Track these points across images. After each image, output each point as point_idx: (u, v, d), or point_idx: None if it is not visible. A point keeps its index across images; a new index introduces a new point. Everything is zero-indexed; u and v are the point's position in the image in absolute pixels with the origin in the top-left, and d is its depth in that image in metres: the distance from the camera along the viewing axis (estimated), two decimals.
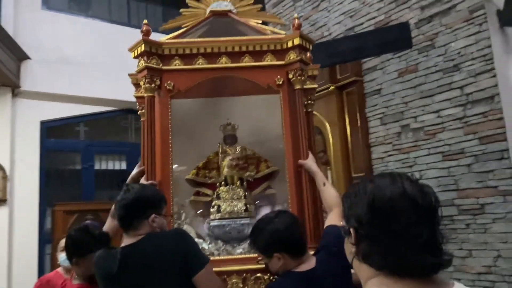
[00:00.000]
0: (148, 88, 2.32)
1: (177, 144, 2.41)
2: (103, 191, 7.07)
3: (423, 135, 4.53)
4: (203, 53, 2.36)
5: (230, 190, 2.52)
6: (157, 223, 1.86)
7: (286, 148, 2.35)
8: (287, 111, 2.35)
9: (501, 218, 3.88)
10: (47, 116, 6.26)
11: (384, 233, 0.88)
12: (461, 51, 4.24)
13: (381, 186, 0.93)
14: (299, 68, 2.34)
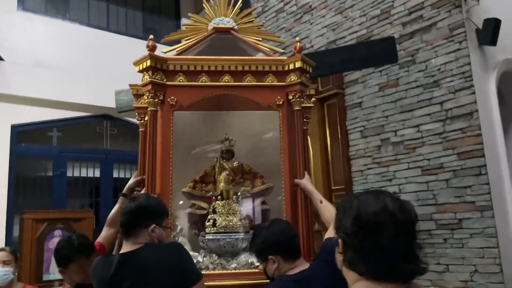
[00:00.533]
0: (152, 103, 2.38)
1: (175, 156, 2.45)
2: (76, 199, 6.84)
3: (403, 149, 4.57)
4: (207, 70, 2.41)
5: (226, 204, 2.56)
6: (156, 234, 1.86)
7: (283, 166, 2.40)
8: (285, 130, 2.41)
9: (478, 233, 3.93)
10: (18, 120, 6.01)
11: (367, 244, 1.00)
12: (441, 67, 4.31)
13: (366, 202, 1.05)
14: (299, 90, 2.40)
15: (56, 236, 5.91)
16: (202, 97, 2.43)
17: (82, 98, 6.35)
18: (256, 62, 2.43)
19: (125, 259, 1.77)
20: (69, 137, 6.66)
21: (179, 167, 2.63)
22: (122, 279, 1.73)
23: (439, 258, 4.18)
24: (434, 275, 4.20)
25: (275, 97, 2.41)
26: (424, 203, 4.33)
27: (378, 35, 4.87)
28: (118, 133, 7.10)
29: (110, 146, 7.01)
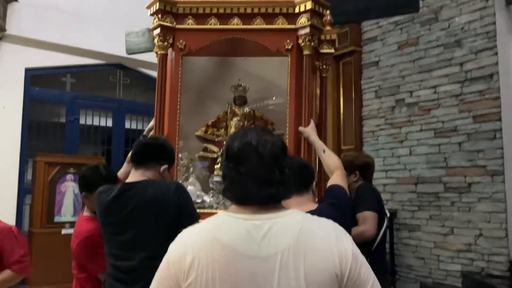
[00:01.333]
0: (161, 46, 2.36)
1: (188, 100, 2.48)
2: (87, 146, 6.93)
3: (417, 111, 4.48)
4: (216, 13, 2.34)
5: None
6: (165, 175, 1.90)
7: (289, 112, 2.35)
8: (293, 77, 2.33)
9: (487, 198, 3.88)
10: (32, 64, 6.00)
11: (232, 172, 1.10)
12: (465, 26, 4.14)
13: (233, 137, 1.16)
14: (309, 33, 2.29)
15: (68, 180, 6.03)
16: (210, 41, 2.39)
17: (96, 45, 6.28)
18: (265, 4, 2.33)
19: (127, 188, 1.80)
20: (83, 84, 6.68)
21: (193, 112, 2.68)
22: (121, 206, 1.76)
23: (444, 221, 4.17)
24: (438, 237, 4.21)
25: (285, 41, 2.32)
26: (434, 165, 4.28)
27: None
28: (131, 83, 7.07)
29: (122, 96, 7.01)
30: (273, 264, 1.00)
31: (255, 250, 1.01)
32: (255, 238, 1.03)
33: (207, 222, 1.12)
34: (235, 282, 0.99)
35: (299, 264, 1.00)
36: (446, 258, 4.13)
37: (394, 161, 4.63)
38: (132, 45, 3.46)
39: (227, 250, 1.01)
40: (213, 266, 1.00)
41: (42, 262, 5.59)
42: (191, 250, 1.03)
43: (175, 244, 1.10)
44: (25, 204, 5.98)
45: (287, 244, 1.02)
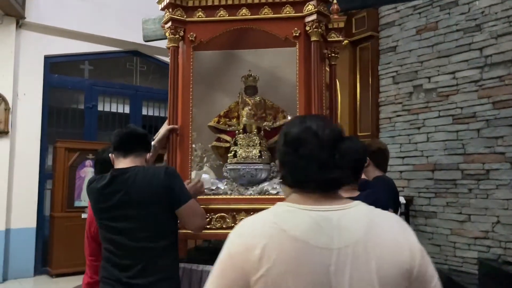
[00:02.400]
0: (172, 39, 2.40)
1: (201, 93, 2.53)
2: (105, 132, 7.04)
3: (436, 97, 4.42)
4: (224, 5, 2.38)
5: (247, 137, 2.61)
6: (150, 161, 1.98)
7: (299, 99, 2.36)
8: (302, 63, 2.34)
9: (505, 185, 3.84)
10: (51, 51, 6.11)
11: (291, 157, 1.10)
12: (485, 10, 4.05)
13: (291, 123, 1.18)
14: (316, 20, 2.30)
15: (87, 165, 6.16)
16: (220, 32, 2.43)
17: (113, 32, 6.35)
18: None
19: (117, 174, 1.82)
20: (100, 71, 6.76)
21: (205, 103, 2.73)
22: (112, 192, 1.79)
23: (461, 207, 4.14)
24: (455, 224, 4.19)
25: (292, 29, 2.33)
26: (451, 152, 4.24)
27: None
28: (147, 70, 7.14)
29: (139, 82, 7.08)
30: (344, 257, 0.98)
31: (327, 243, 0.99)
32: (326, 230, 1.00)
33: (268, 212, 1.07)
34: (308, 274, 0.96)
35: (370, 258, 0.98)
36: (463, 245, 4.12)
37: (411, 147, 4.60)
38: (149, 32, 3.50)
39: (298, 242, 0.98)
40: (284, 259, 0.96)
41: (63, 245, 5.76)
42: (258, 241, 0.99)
43: (237, 235, 1.04)
44: (46, 189, 6.14)
45: (357, 237, 1.00)
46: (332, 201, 1.07)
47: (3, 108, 5.57)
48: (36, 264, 5.80)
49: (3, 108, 5.57)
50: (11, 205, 5.59)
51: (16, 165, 5.67)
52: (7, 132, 5.56)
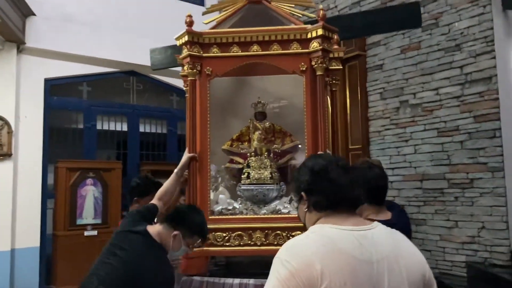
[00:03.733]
0: (191, 73, 2.64)
1: (214, 117, 2.77)
2: (104, 150, 7.22)
3: (421, 111, 4.72)
4: (237, 42, 2.63)
5: (258, 160, 2.85)
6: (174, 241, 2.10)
7: (306, 126, 2.62)
8: (308, 94, 2.60)
9: (488, 193, 4.14)
10: (51, 74, 6.29)
11: (322, 182, 1.34)
12: (464, 31, 4.38)
13: (312, 159, 1.44)
14: (321, 56, 2.55)
15: (88, 184, 6.33)
16: (233, 66, 2.68)
17: (110, 54, 6.56)
18: (281, 32, 2.60)
19: (137, 231, 2.09)
20: (98, 91, 6.95)
21: (218, 128, 2.97)
22: (124, 241, 2.08)
23: (449, 215, 4.43)
24: (443, 230, 4.47)
25: (299, 64, 2.58)
26: (438, 163, 4.53)
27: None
28: (143, 89, 7.35)
29: (136, 101, 7.29)
30: (382, 267, 1.19)
31: (368, 256, 1.19)
32: (365, 246, 1.21)
33: (314, 233, 1.26)
34: (360, 284, 1.15)
35: (401, 267, 1.22)
36: (451, 249, 4.40)
37: (400, 159, 4.89)
38: (156, 61, 3.73)
39: (348, 257, 1.17)
40: (340, 272, 1.14)
41: (66, 263, 5.91)
42: (316, 258, 1.15)
43: (293, 256, 1.18)
44: (48, 208, 6.28)
45: (388, 251, 1.23)
46: (358, 221, 1.31)
47: (6, 131, 5.73)
48: (40, 281, 5.92)
49: (6, 132, 5.73)
50: (15, 225, 5.73)
51: (19, 186, 5.82)
52: (10, 154, 5.72)
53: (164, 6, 7.21)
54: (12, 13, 5.55)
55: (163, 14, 7.04)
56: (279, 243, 2.39)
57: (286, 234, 2.40)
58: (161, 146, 7.55)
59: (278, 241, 2.40)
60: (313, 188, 1.37)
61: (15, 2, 5.57)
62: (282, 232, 2.42)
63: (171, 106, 7.65)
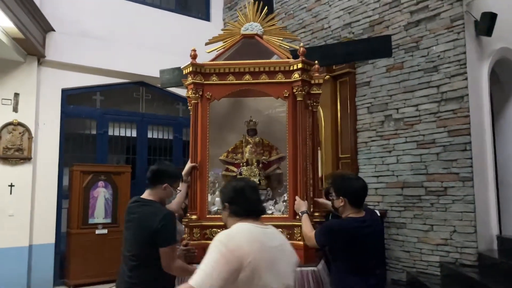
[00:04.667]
0: (194, 97, 3.21)
1: (213, 133, 3.31)
2: (115, 155, 7.77)
3: (403, 125, 5.21)
4: (233, 72, 3.15)
5: (249, 169, 3.40)
6: (167, 191, 2.61)
7: (288, 141, 3.13)
8: (290, 116, 3.11)
9: (459, 200, 4.62)
10: (68, 85, 6.85)
11: (240, 199, 1.96)
12: (441, 54, 4.87)
13: (234, 182, 2.09)
14: (300, 85, 3.05)
15: (99, 186, 6.87)
16: (229, 92, 3.22)
17: (121, 66, 7.12)
18: (268, 64, 3.12)
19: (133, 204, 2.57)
20: (111, 100, 7.51)
21: (216, 142, 3.50)
22: (130, 213, 2.56)
23: (425, 219, 4.91)
24: (420, 233, 4.95)
25: (283, 91, 3.09)
26: (416, 172, 5.02)
27: (388, 20, 5.42)
28: (152, 99, 7.90)
29: (145, 109, 7.84)
30: (279, 251, 1.85)
31: (270, 243, 1.84)
32: (268, 236, 1.87)
33: (240, 227, 1.86)
34: (266, 259, 1.76)
35: (288, 252, 1.93)
36: (427, 250, 4.87)
37: (384, 168, 5.38)
38: (165, 80, 4.27)
39: (260, 243, 1.79)
40: (257, 252, 1.74)
41: (79, 258, 6.45)
42: (244, 243, 1.73)
43: (229, 239, 1.74)
44: (63, 208, 6.82)
45: (279, 241, 1.91)
46: (261, 223, 1.94)
47: (26, 137, 6.28)
48: (55, 275, 6.45)
49: (26, 137, 6.28)
50: (33, 223, 6.27)
51: (37, 187, 6.36)
52: (30, 158, 6.27)
53: (172, 22, 7.78)
54: (34, 29, 6.11)
55: (172, 29, 7.61)
56: None
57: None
58: (168, 151, 8.09)
59: None
60: (234, 201, 1.96)
61: (36, 19, 6.13)
62: None
63: (177, 115, 8.20)
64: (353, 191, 2.52)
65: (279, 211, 3.06)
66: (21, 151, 6.22)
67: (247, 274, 1.67)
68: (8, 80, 6.24)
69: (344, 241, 2.41)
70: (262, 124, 3.58)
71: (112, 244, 6.44)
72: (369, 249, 2.45)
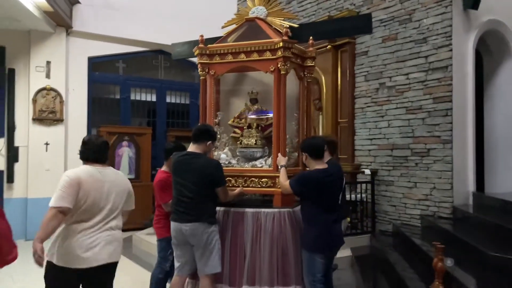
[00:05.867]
0: (202, 74, 3.85)
1: (225, 102, 4.06)
2: (137, 118, 8.51)
3: (394, 92, 5.69)
4: (231, 52, 3.69)
5: (249, 131, 3.99)
6: (209, 147, 3.34)
7: (274, 110, 3.64)
8: (275, 87, 3.60)
9: (440, 160, 5.15)
10: (93, 53, 7.53)
11: (85, 147, 2.85)
12: (430, 27, 5.27)
13: (88, 136, 2.93)
14: (283, 61, 3.53)
15: (124, 146, 7.65)
16: (229, 69, 3.80)
17: (142, 36, 7.74)
18: (258, 44, 3.60)
19: (184, 157, 3.24)
20: (132, 68, 8.17)
21: (227, 110, 4.18)
22: (183, 164, 3.21)
23: (410, 177, 5.47)
24: (405, 190, 5.53)
25: (270, 66, 3.59)
26: (405, 135, 5.54)
27: None
28: (170, 66, 8.53)
29: (164, 76, 8.48)
30: (112, 185, 2.72)
31: (103, 178, 2.69)
32: (102, 174, 2.70)
33: (83, 167, 2.69)
34: (96, 189, 2.61)
35: (120, 186, 2.80)
36: (410, 205, 5.47)
37: (377, 131, 5.91)
38: (176, 53, 4.87)
39: (94, 177, 2.65)
40: (90, 184, 2.61)
41: None
42: (82, 175, 2.61)
43: (72, 173, 2.60)
44: None
45: (112, 178, 2.75)
46: (101, 166, 2.76)
47: (58, 101, 7.05)
48: None
49: (58, 101, 7.05)
50: None
51: (69, 145, 7.18)
52: (62, 120, 7.06)
53: None
54: (62, 2, 6.74)
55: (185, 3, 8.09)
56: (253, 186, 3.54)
57: (257, 180, 3.52)
58: (185, 115, 8.78)
59: (250, 185, 3.54)
60: (81, 149, 2.78)
61: None
62: (255, 179, 3.53)
63: (193, 81, 8.82)
64: (311, 146, 3.15)
65: (268, 165, 3.67)
66: (54, 114, 7.01)
67: (82, 194, 2.57)
68: (41, 49, 6.95)
69: (312, 187, 3.05)
70: (263, 94, 4.11)
71: (136, 196, 7.22)
72: (331, 192, 3.09)
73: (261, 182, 3.49)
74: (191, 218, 3.11)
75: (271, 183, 3.47)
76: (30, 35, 6.89)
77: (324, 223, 3.06)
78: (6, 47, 6.83)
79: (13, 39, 6.83)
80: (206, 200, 3.17)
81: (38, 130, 6.89)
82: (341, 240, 3.24)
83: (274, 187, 3.45)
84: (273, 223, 3.24)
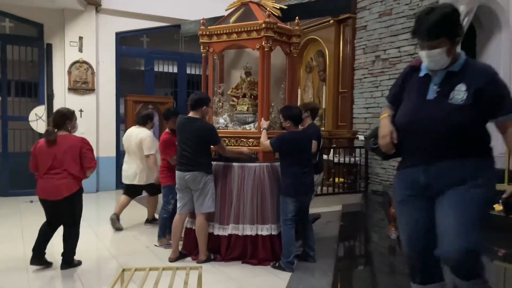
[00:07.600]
0: (203, 52, 4.47)
1: (227, 75, 4.70)
2: (160, 88, 9.31)
3: (388, 65, 6.16)
4: (225, 32, 4.29)
5: (243, 100, 4.58)
6: (205, 112, 4.00)
7: (259, 83, 4.25)
8: (260, 63, 4.17)
9: None
10: (120, 29, 8.29)
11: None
12: (420, 3, 5.66)
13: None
14: (266, 40, 4.09)
15: None
16: (224, 47, 4.42)
17: (164, 12, 8.41)
18: (246, 26, 4.16)
19: (186, 120, 3.95)
20: (155, 41, 8.91)
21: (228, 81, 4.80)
22: (185, 126, 3.92)
23: None
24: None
25: (256, 44, 4.16)
26: None
27: None
28: (189, 40, 9.19)
29: (184, 49, 9.18)
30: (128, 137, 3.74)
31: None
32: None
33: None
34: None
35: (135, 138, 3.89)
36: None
37: (372, 101, 6.42)
38: (185, 30, 5.55)
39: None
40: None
41: None
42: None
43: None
44: (121, 130, 8.56)
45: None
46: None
47: (90, 72, 7.91)
48: (116, 181, 8.34)
49: (90, 73, 7.91)
50: (99, 140, 8.07)
51: (100, 113, 8.07)
52: (93, 89, 7.94)
53: None
54: None
55: None
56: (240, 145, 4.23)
57: (245, 140, 4.21)
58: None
59: (240, 144, 4.23)
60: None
61: None
62: (244, 139, 4.23)
63: None
64: (292, 115, 3.79)
65: (255, 128, 4.35)
66: (87, 84, 7.89)
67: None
68: (74, 26, 7.78)
69: (289, 145, 3.73)
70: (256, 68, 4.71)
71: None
72: (303, 149, 3.76)
73: (248, 141, 4.19)
74: (191, 168, 3.85)
75: (256, 143, 4.16)
76: (64, 13, 7.71)
77: (296, 174, 3.75)
78: (44, 24, 7.70)
79: (50, 17, 7.67)
80: (202, 155, 3.89)
81: (73, 99, 7.79)
82: (311, 189, 3.92)
83: (258, 146, 4.13)
84: (254, 175, 3.96)
